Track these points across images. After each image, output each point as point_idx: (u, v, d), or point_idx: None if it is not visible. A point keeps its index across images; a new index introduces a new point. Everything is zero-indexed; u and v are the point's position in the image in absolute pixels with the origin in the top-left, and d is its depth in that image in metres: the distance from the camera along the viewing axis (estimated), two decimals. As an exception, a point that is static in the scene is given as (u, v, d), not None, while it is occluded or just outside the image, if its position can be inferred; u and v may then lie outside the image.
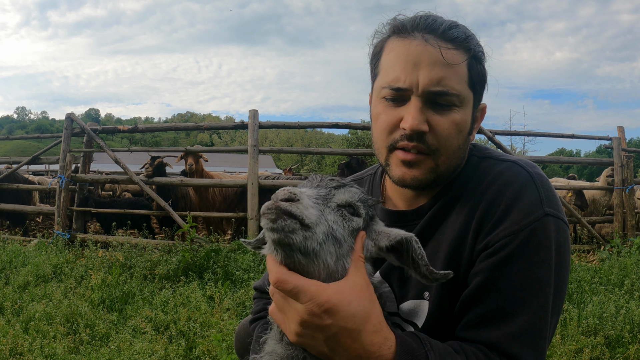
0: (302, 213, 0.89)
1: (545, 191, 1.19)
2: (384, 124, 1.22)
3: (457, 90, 1.16)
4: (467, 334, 1.15)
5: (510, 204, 1.17)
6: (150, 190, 7.66)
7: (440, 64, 1.14)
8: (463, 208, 1.24)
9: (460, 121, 1.19)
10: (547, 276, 1.12)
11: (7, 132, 69.48)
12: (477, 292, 1.15)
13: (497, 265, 1.13)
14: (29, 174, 13.80)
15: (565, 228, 1.19)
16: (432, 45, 1.14)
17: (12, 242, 7.06)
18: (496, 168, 1.25)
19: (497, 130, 8.21)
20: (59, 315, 3.95)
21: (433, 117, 1.17)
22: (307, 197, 0.93)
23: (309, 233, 0.90)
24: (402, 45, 1.19)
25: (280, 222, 0.88)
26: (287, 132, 63.57)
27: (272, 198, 0.91)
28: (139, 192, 11.19)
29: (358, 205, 1.02)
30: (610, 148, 8.73)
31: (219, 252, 5.62)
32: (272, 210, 0.89)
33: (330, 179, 1.04)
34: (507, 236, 1.14)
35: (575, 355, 3.35)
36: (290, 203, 0.89)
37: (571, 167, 40.09)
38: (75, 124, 8.19)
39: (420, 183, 1.24)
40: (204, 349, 3.39)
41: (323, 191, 0.99)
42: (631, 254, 6.10)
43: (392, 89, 1.18)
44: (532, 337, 1.09)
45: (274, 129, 9.39)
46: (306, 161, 49.61)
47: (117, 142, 59.38)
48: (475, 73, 1.20)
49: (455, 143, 1.21)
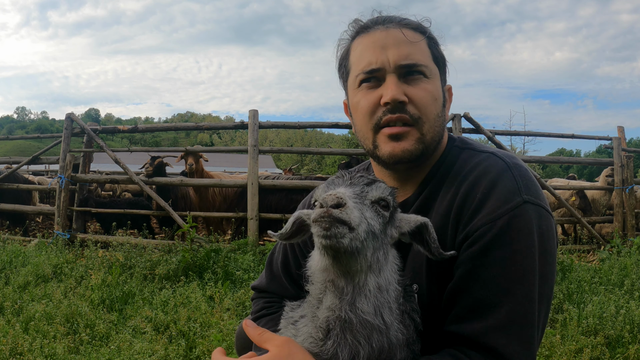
0: (350, 218, 0.96)
1: (522, 179, 1.20)
2: (366, 107, 1.30)
3: (424, 62, 1.28)
4: (454, 328, 1.15)
5: (486, 193, 1.18)
6: (150, 190, 7.66)
7: (404, 42, 1.26)
8: (443, 199, 1.27)
9: (432, 90, 1.29)
10: (530, 263, 1.11)
11: (7, 132, 69.49)
12: (460, 283, 1.16)
13: (477, 255, 1.14)
14: (29, 174, 13.78)
15: (547, 215, 1.18)
16: (394, 29, 1.28)
17: (12, 242, 7.05)
18: (474, 159, 1.29)
19: (497, 130, 8.22)
20: (59, 315, 3.95)
21: (408, 89, 1.26)
22: (349, 199, 0.99)
23: (354, 234, 0.97)
24: (367, 37, 1.31)
25: (333, 230, 0.95)
26: (287, 132, 63.56)
27: (322, 202, 0.96)
28: (139, 192, 11.19)
29: (389, 199, 1.09)
30: (610, 148, 8.73)
31: (219, 252, 5.62)
32: (326, 218, 0.95)
33: (360, 176, 1.10)
34: (485, 224, 1.14)
35: (575, 355, 3.35)
36: (340, 210, 0.95)
37: (571, 167, 40.08)
38: (75, 124, 8.19)
39: (411, 154, 1.28)
40: (204, 349, 3.39)
41: (358, 189, 1.06)
42: (631, 254, 6.10)
43: (366, 72, 1.28)
44: (518, 327, 1.09)
45: (274, 129, 9.39)
46: (306, 161, 49.59)
47: (117, 142, 59.42)
48: (435, 51, 1.32)
49: (434, 111, 1.29)
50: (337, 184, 1.10)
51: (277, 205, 7.51)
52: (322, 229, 0.96)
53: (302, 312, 1.19)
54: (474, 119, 7.61)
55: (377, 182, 1.10)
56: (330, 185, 1.11)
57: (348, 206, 0.96)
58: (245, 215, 7.13)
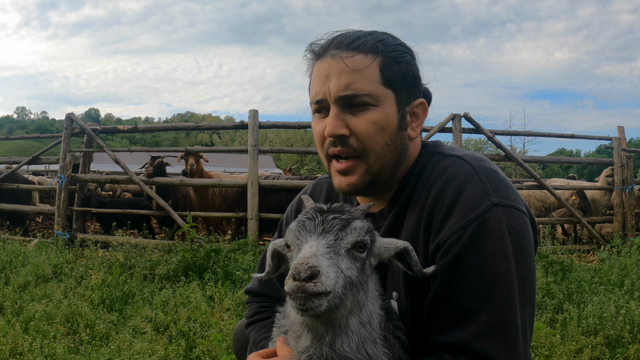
0: (326, 286, 0.93)
1: (491, 182, 1.18)
2: (317, 136, 1.33)
3: (367, 90, 1.24)
4: (438, 338, 1.14)
5: (453, 200, 1.17)
6: (150, 190, 7.66)
7: (346, 71, 1.23)
8: (414, 208, 1.26)
9: (378, 119, 1.25)
10: (506, 267, 1.11)
11: (7, 132, 69.46)
12: (439, 294, 1.15)
13: (451, 264, 1.13)
14: (29, 174, 13.79)
15: (520, 215, 1.17)
16: (337, 59, 1.25)
17: (12, 242, 7.05)
18: (441, 164, 1.27)
19: (497, 130, 8.21)
20: (59, 315, 3.95)
21: (351, 120, 1.25)
22: (323, 257, 0.96)
23: (331, 296, 0.95)
24: (318, 66, 1.31)
25: (309, 304, 0.93)
26: (287, 132, 63.53)
27: (294, 274, 0.93)
28: (139, 192, 11.19)
29: (365, 240, 1.05)
30: (610, 148, 8.74)
31: (219, 252, 5.62)
32: (300, 294, 0.93)
33: (334, 217, 1.05)
34: (455, 233, 1.13)
35: (575, 355, 3.35)
36: (314, 282, 0.92)
37: (571, 167, 40.07)
38: (75, 124, 8.19)
39: (357, 188, 1.29)
40: (204, 349, 3.39)
41: (331, 238, 1.01)
42: (631, 254, 6.10)
43: (314, 103, 1.31)
44: (500, 331, 1.08)
45: (274, 129, 9.40)
46: (306, 161, 49.59)
47: (117, 142, 59.44)
48: (390, 72, 1.27)
49: (380, 141, 1.26)
50: (308, 229, 1.04)
51: (277, 205, 7.51)
52: (298, 305, 0.94)
53: (288, 325, 1.19)
54: (474, 119, 7.62)
55: (352, 223, 1.05)
56: (301, 230, 1.05)
57: (322, 273, 0.93)
58: (245, 215, 7.14)
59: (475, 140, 44.61)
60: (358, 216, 1.09)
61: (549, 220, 8.59)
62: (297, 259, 0.96)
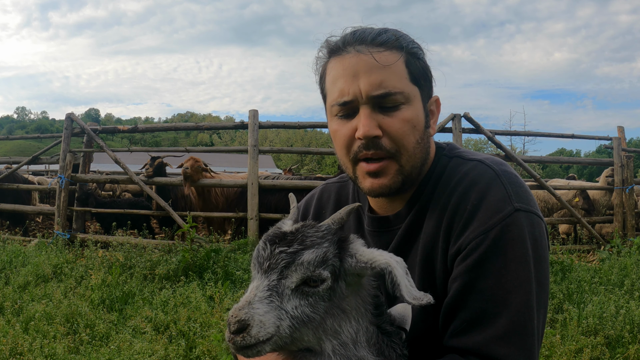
0: (258, 335, 0.90)
1: (513, 187, 1.17)
2: (342, 140, 1.25)
3: (399, 88, 1.19)
4: (454, 342, 1.13)
5: (476, 204, 1.16)
6: (150, 191, 7.66)
7: (376, 68, 1.17)
8: (434, 212, 1.24)
9: (411, 117, 1.21)
10: (526, 272, 1.10)
11: (7, 132, 69.46)
12: (457, 297, 1.14)
13: (472, 268, 1.12)
14: (29, 174, 13.79)
15: (539, 222, 1.17)
16: (364, 53, 1.18)
17: (12, 242, 7.06)
18: (462, 168, 1.25)
19: (497, 130, 8.22)
20: (59, 315, 3.95)
21: (383, 120, 1.19)
22: (260, 303, 0.93)
23: (274, 339, 0.92)
24: (339, 62, 1.22)
25: (245, 352, 0.92)
26: (287, 132, 63.53)
27: (227, 323, 0.93)
28: (139, 192, 11.19)
29: (317, 275, 0.96)
30: (610, 148, 8.74)
31: (219, 252, 5.62)
32: (231, 345, 0.92)
33: (280, 252, 0.98)
34: (478, 237, 1.13)
35: (575, 355, 3.35)
36: (242, 337, 0.90)
37: (571, 167, 40.06)
38: (75, 124, 8.19)
39: (390, 189, 1.25)
40: (204, 349, 3.39)
41: (274, 278, 0.96)
42: (631, 254, 6.10)
43: (339, 104, 1.22)
44: (519, 336, 1.08)
45: (274, 129, 9.42)
46: (306, 161, 49.58)
47: (117, 142, 59.43)
48: (414, 68, 1.23)
49: (412, 140, 1.23)
50: (258, 263, 1.00)
51: (277, 205, 7.51)
52: (232, 354, 0.95)
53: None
54: (474, 119, 7.62)
55: (300, 257, 0.96)
56: (254, 264, 1.01)
57: (252, 325, 0.90)
58: (245, 215, 7.14)
59: (475, 140, 44.66)
60: (315, 243, 0.99)
61: (549, 220, 8.59)
62: (232, 308, 0.94)
